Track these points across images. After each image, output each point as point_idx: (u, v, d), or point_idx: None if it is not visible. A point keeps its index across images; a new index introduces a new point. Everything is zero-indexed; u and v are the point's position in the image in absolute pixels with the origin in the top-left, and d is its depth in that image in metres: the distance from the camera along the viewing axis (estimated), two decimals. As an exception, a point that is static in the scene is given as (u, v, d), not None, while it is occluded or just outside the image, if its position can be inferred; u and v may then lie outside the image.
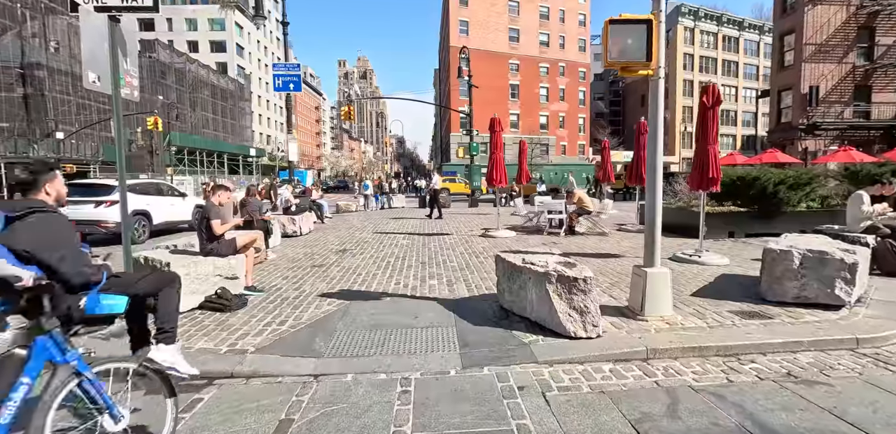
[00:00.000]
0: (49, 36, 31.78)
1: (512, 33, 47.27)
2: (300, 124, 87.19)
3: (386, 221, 14.56)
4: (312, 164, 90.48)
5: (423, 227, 12.74)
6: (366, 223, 14.05)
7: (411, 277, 6.25)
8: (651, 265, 4.17)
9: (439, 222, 13.97)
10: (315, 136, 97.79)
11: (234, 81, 54.11)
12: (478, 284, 5.75)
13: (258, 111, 66.75)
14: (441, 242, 9.48)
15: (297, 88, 12.82)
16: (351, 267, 7.04)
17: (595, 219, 10.53)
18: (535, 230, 10.90)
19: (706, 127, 6.49)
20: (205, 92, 47.99)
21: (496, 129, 9.84)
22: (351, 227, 13.17)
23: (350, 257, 7.93)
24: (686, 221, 9.78)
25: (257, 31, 67.54)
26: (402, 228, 12.48)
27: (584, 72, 52.01)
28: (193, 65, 45.26)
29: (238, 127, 55.29)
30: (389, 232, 11.67)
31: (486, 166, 10.62)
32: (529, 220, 11.59)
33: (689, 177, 7.10)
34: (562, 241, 9.23)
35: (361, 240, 10.18)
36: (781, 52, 22.55)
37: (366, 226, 13.28)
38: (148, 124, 25.66)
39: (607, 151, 15.46)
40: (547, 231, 10.25)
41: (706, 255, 6.85)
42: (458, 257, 7.75)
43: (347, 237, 10.77)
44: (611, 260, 7.18)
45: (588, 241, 9.29)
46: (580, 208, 10.02)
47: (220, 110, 50.93)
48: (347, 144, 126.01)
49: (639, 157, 10.53)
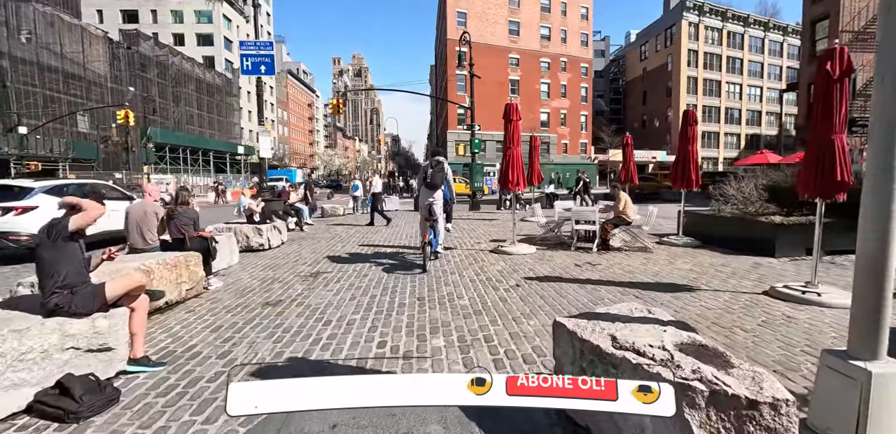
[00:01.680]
0: (21, 25, 29.43)
1: (512, 26, 45.13)
2: (292, 121, 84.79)
3: (375, 229, 12.49)
4: (305, 163, 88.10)
5: (417, 238, 10.71)
6: (351, 232, 11.98)
7: (403, 329, 4.19)
8: (873, 355, 2.14)
9: None
10: (308, 134, 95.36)
11: (221, 76, 51.71)
12: (509, 349, 3.69)
13: (248, 107, 64.32)
14: (443, 262, 7.43)
15: (270, 71, 10.74)
16: (318, 306, 4.98)
17: (635, 230, 8.49)
18: (558, 243, 8.86)
19: (829, 107, 4.48)
20: (190, 86, 45.63)
21: (512, 117, 7.79)
22: (334, 237, 11.10)
23: (321, 287, 5.86)
24: (748, 234, 7.82)
25: (247, 24, 65.09)
26: (393, 239, 10.42)
27: (586, 67, 49.99)
28: (177, 57, 42.90)
29: (226, 124, 52.97)
30: (378, 244, 9.60)
31: (499, 164, 8.50)
32: (550, 231, 9.54)
33: (799, 178, 5.08)
34: (598, 261, 7.20)
35: (341, 257, 8.11)
36: (812, 41, 20.61)
37: (351, 236, 11.21)
38: (118, 118, 23.36)
39: (630, 148, 13.45)
40: (575, 245, 8.21)
41: (826, 291, 4.83)
42: (467, 289, 5.70)
43: (326, 251, 8.69)
44: (685, 296, 5.15)
45: (632, 260, 7.26)
46: (618, 218, 7.99)
47: (206, 106, 48.57)
48: (341, 143, 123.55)
49: (687, 154, 8.50)
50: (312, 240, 10.52)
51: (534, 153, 12.10)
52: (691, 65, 55.02)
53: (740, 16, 57.26)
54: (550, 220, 9.62)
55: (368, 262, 7.54)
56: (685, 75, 54.65)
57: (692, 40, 54.73)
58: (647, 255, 7.63)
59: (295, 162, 78.14)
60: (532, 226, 11.68)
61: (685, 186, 8.54)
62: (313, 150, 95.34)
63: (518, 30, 45.31)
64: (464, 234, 10.99)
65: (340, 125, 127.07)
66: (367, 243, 9.80)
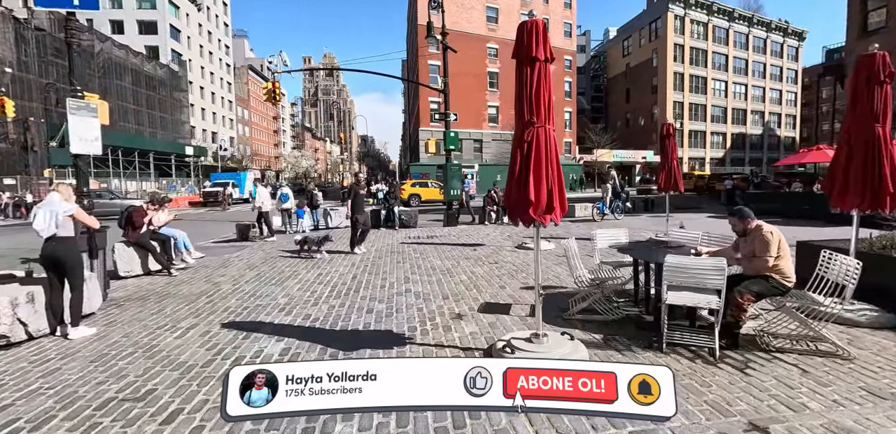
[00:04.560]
0: None
1: (490, 13, 40.89)
2: (254, 121, 78.78)
3: (293, 265, 7.93)
4: (269, 165, 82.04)
5: (357, 283, 6.23)
6: (254, 272, 7.41)
7: None
8: None
9: (384, 270, 7.47)
10: (272, 135, 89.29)
11: (164, 67, 45.87)
12: None
13: (200, 104, 58.40)
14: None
15: (92, 5, 6.15)
16: None
17: (793, 302, 4.15)
18: (618, 321, 4.52)
19: None
20: (125, 78, 39.84)
21: (536, 53, 3.40)
22: (217, 282, 6.54)
23: None
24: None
25: (199, 13, 59.20)
26: (316, 288, 5.92)
27: (569, 60, 46.25)
28: (105, 43, 37.12)
29: (171, 121, 47.08)
30: (281, 307, 5.11)
31: (511, 169, 3.83)
32: (596, 286, 4.93)
33: None
34: (737, 401, 2.88)
35: (192, 357, 3.61)
36: (864, 12, 17.08)
37: (245, 282, 6.64)
38: None
39: (672, 141, 9.17)
40: (666, 338, 3.79)
41: None
42: None
43: (178, 326, 4.16)
44: None
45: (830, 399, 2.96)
46: (764, 280, 3.66)
47: (147, 101, 42.76)
48: (310, 144, 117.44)
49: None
50: (173, 297, 5.91)
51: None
52: (678, 60, 52.14)
53: (725, 10, 54.83)
54: (604, 265, 5.19)
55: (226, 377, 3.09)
56: (671, 71, 51.70)
57: (678, 34, 51.87)
58: (838, 368, 3.35)
59: (256, 164, 72.12)
60: (546, 261, 7.24)
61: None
62: (278, 152, 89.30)
63: (496, 17, 41.13)
64: (427, 285, 6.51)
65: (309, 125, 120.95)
66: (263, 300, 5.31)
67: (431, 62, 37.39)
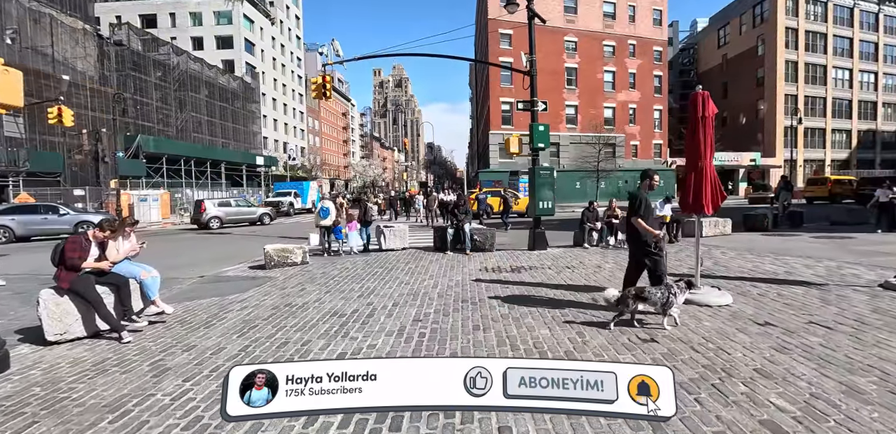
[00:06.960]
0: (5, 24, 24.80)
1: (568, 2, 36.97)
2: (324, 131, 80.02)
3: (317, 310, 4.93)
4: (338, 174, 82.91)
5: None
6: (242, 340, 4.51)
7: None
8: None
9: None
10: (342, 145, 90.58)
11: (237, 80, 46.71)
12: None
13: (272, 115, 59.58)
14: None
15: None
16: None
17: None
18: None
19: None
20: (201, 91, 40.65)
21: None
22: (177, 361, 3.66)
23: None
24: None
25: (272, 27, 60.77)
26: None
27: (659, 51, 40.89)
28: (181, 57, 37.91)
29: (244, 132, 47.79)
30: None
31: None
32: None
33: None
34: None
35: None
36: None
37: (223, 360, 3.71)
38: (49, 117, 17.38)
39: None
40: None
41: None
42: None
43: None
44: None
45: None
46: None
47: (220, 112, 43.47)
48: (378, 153, 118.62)
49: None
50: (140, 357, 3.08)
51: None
52: (790, 46, 44.76)
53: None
54: None
55: None
56: (782, 59, 44.41)
57: (790, 16, 44.59)
58: None
59: (325, 173, 72.78)
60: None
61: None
62: (347, 161, 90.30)
63: (575, 6, 37.07)
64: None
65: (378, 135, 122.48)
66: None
67: (503, 59, 34.17)
